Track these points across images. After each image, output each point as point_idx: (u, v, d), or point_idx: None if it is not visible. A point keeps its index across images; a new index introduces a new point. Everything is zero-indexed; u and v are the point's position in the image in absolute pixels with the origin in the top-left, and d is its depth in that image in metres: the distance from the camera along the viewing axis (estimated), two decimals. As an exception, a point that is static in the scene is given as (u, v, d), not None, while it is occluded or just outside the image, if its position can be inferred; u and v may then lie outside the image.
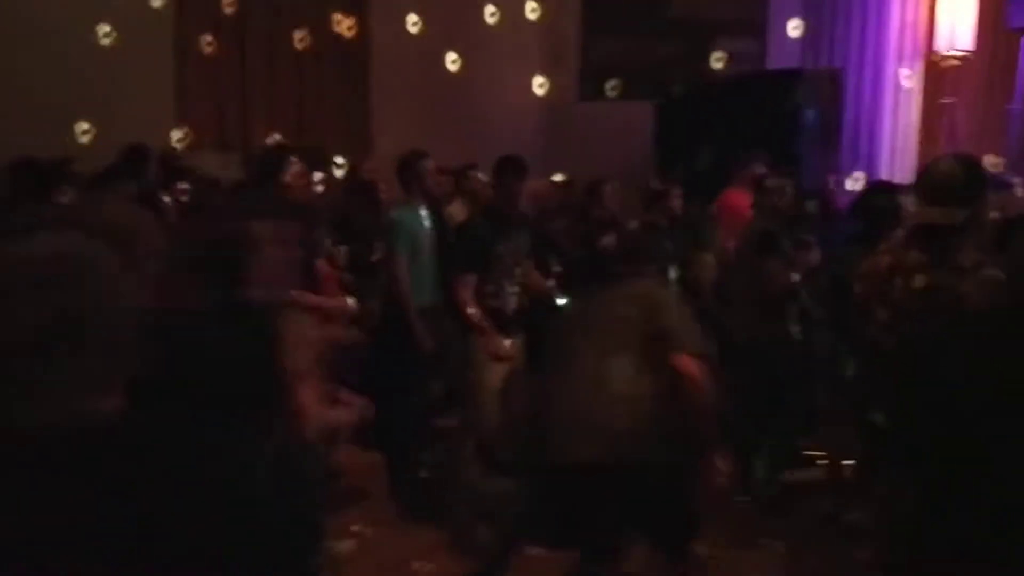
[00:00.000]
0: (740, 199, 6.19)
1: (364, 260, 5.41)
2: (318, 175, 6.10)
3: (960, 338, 2.16)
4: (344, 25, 7.77)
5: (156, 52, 7.56)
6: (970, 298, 2.69)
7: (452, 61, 7.76)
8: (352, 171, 6.81)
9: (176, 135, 6.91)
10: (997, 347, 1.99)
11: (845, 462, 4.92)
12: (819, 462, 5.27)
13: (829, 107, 7.87)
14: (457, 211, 5.70)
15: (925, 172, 3.08)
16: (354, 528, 4.35)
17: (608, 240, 3.80)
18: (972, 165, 3.02)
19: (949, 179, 2.85)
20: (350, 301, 4.16)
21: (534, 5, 7.73)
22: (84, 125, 5.98)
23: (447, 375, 5.15)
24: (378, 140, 8.86)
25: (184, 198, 5.19)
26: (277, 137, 7.41)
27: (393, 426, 5.20)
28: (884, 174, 8.37)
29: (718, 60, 7.11)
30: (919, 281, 2.82)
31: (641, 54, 9.58)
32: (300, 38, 7.53)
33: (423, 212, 5.01)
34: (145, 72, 7.34)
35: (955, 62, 8.05)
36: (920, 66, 8.34)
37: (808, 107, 7.52)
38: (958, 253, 2.81)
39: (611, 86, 7.68)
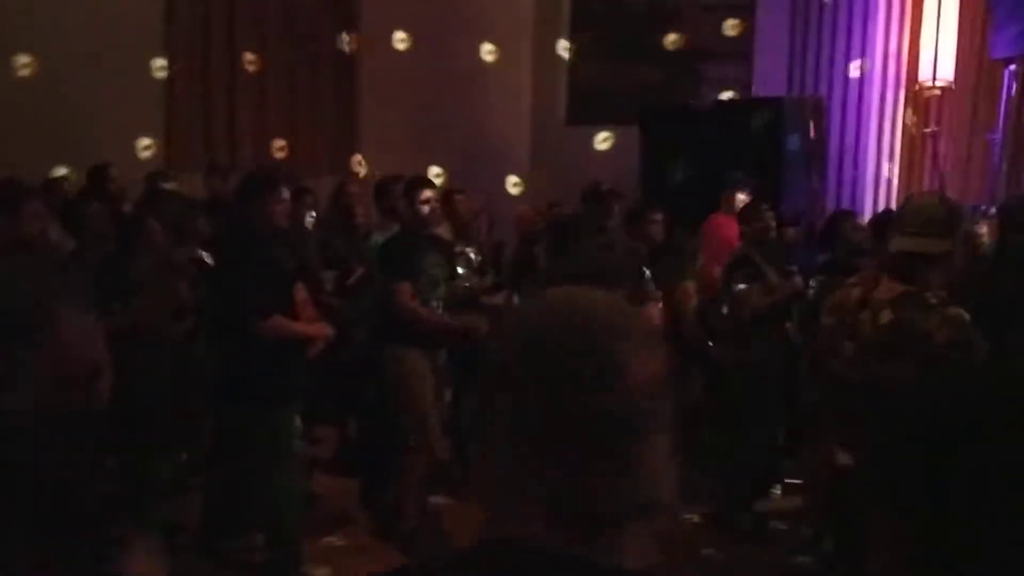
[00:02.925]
0: (724, 225, 6.20)
1: (343, 284, 5.42)
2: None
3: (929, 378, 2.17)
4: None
5: (142, 71, 7.59)
6: (936, 336, 2.71)
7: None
8: (337, 194, 6.82)
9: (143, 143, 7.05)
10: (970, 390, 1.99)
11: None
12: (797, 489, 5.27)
13: (812, 134, 7.91)
14: (444, 233, 5.70)
15: (907, 204, 3.20)
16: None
17: None
18: (950, 201, 3.20)
19: (932, 212, 2.92)
20: (328, 327, 4.17)
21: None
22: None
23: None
24: (367, 160, 8.91)
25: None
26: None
27: (370, 450, 5.22)
28: (868, 202, 8.42)
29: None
30: (885, 317, 2.84)
31: (629, 79, 9.63)
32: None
33: None
34: (131, 93, 7.37)
35: (937, 92, 8.12)
36: (903, 95, 8.42)
37: (791, 134, 7.56)
38: (933, 286, 2.84)
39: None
